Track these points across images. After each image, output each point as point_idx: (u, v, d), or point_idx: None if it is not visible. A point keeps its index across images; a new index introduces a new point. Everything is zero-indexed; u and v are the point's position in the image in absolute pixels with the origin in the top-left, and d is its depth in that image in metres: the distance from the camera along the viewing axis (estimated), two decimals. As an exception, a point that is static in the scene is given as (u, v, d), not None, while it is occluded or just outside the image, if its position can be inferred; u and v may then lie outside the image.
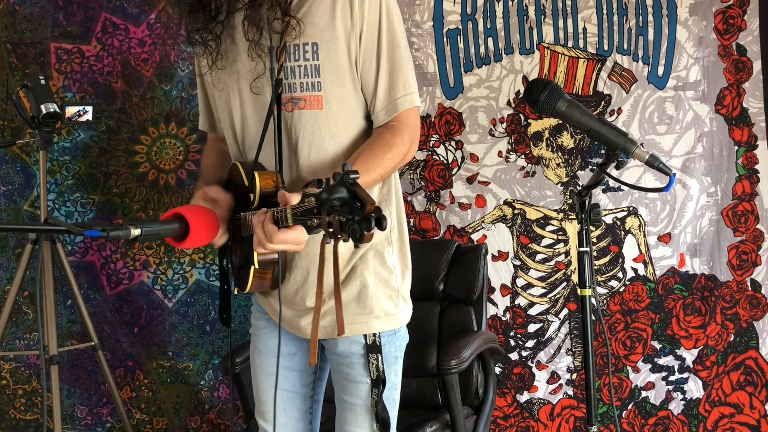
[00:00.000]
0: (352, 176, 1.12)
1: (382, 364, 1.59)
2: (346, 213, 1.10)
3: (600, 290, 2.82)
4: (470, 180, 2.93)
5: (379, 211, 1.08)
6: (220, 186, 1.68)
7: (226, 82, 1.63)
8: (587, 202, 1.73)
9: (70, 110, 2.72)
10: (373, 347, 1.59)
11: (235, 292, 1.70)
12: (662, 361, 2.80)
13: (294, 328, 1.66)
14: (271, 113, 1.54)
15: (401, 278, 1.66)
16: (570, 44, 2.84)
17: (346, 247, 1.60)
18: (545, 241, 2.87)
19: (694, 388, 2.78)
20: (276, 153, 1.54)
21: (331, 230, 1.14)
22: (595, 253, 2.82)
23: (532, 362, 2.88)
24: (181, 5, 1.61)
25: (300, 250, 1.42)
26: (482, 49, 2.91)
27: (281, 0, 1.51)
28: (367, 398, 1.60)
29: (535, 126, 2.87)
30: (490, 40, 2.90)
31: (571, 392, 2.87)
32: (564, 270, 2.85)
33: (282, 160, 1.55)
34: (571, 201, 2.83)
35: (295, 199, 1.32)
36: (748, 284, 2.74)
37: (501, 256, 2.90)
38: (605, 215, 2.82)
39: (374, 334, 1.60)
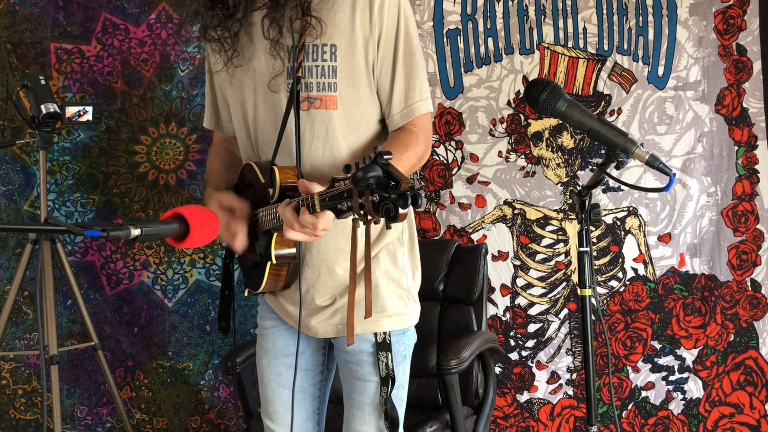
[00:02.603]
0: (385, 157, 1.14)
1: (392, 362, 1.60)
2: (381, 191, 1.11)
3: (600, 290, 2.82)
4: (470, 180, 2.93)
5: (414, 189, 1.11)
6: (232, 190, 1.68)
7: (242, 79, 1.64)
8: (587, 202, 1.73)
9: (70, 110, 2.72)
10: (383, 345, 1.61)
11: (245, 294, 1.71)
12: (662, 361, 2.80)
13: (304, 327, 1.67)
14: (289, 111, 1.55)
15: (412, 278, 1.69)
16: (570, 44, 2.84)
17: (358, 249, 1.61)
18: (545, 241, 2.87)
19: (694, 388, 2.78)
20: (296, 148, 1.55)
21: (362, 212, 1.15)
22: (595, 253, 2.82)
23: (532, 362, 2.88)
24: (200, 1, 1.61)
25: (320, 236, 1.41)
26: (482, 49, 2.91)
27: (303, 0, 1.53)
28: (375, 396, 1.61)
29: (535, 126, 2.87)
30: (490, 40, 2.90)
31: (571, 392, 2.87)
32: (564, 270, 2.86)
33: (298, 158, 1.57)
34: (571, 201, 2.83)
35: (318, 187, 1.33)
36: (748, 284, 2.74)
37: (501, 256, 2.90)
38: (605, 215, 2.82)
39: (384, 333, 1.61)
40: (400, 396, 1.65)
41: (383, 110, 1.62)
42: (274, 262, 1.54)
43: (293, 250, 1.55)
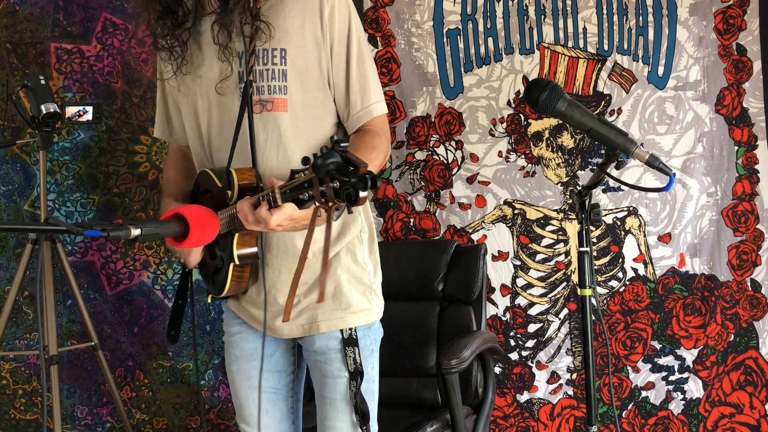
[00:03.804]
0: (342, 144, 1.18)
1: (359, 356, 1.63)
2: (342, 176, 1.15)
3: (600, 290, 2.82)
4: (470, 180, 2.93)
5: (372, 172, 1.15)
6: (189, 198, 1.72)
7: (191, 87, 1.67)
8: (587, 202, 1.73)
9: (70, 110, 2.72)
10: (349, 341, 1.64)
11: (209, 300, 1.72)
12: (662, 361, 2.80)
13: (270, 329, 1.69)
14: (243, 114, 1.58)
15: (373, 275, 1.71)
16: (570, 44, 2.84)
17: (318, 248, 1.64)
18: (545, 241, 2.87)
19: (694, 388, 2.78)
20: (252, 150, 1.58)
21: (324, 199, 1.19)
22: (595, 253, 2.82)
23: (532, 362, 2.88)
24: (150, 11, 1.65)
25: (277, 231, 1.43)
26: (482, 49, 2.91)
27: (251, 5, 1.57)
28: (345, 392, 1.63)
29: (535, 126, 2.87)
30: (490, 40, 2.90)
31: (571, 392, 2.87)
32: (564, 270, 2.86)
33: (254, 159, 1.59)
34: (571, 201, 2.83)
35: (279, 181, 1.36)
36: (748, 284, 2.74)
37: (501, 256, 2.90)
38: (605, 215, 2.82)
39: (350, 329, 1.64)
40: (370, 390, 1.68)
41: (341, 114, 1.66)
42: (237, 262, 1.56)
43: (255, 249, 1.57)
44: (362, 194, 1.14)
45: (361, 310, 1.66)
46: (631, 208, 2.81)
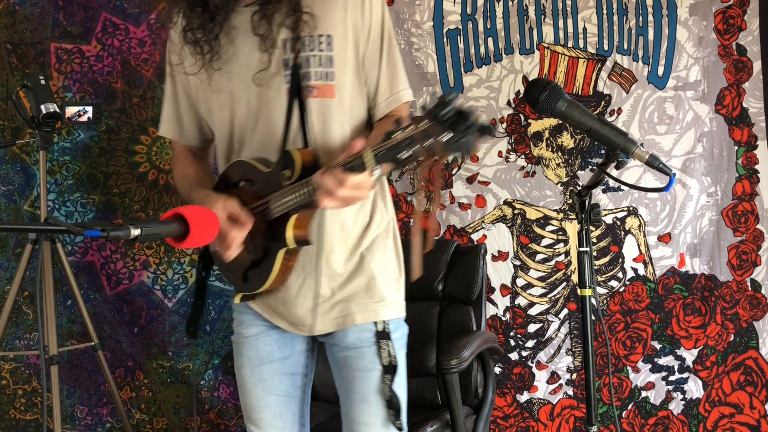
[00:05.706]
0: (450, 96, 1.15)
1: (393, 349, 1.61)
2: (457, 126, 1.12)
3: (600, 290, 2.82)
4: (470, 180, 2.93)
5: (484, 120, 1.13)
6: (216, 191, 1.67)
7: (220, 82, 1.64)
8: (587, 202, 1.73)
9: (70, 110, 2.72)
10: (383, 334, 1.61)
11: (237, 301, 1.68)
12: (662, 361, 2.80)
13: (301, 326, 1.65)
14: (293, 100, 1.57)
15: (401, 270, 1.71)
16: (570, 44, 2.84)
17: (351, 237, 1.62)
18: (545, 241, 2.87)
19: (694, 388, 2.78)
20: (303, 135, 1.57)
21: (430, 153, 1.15)
22: (595, 253, 2.82)
23: (532, 362, 2.88)
24: (180, 2, 1.62)
25: (364, 198, 1.41)
26: (482, 49, 2.91)
27: None
28: (378, 386, 1.59)
29: (535, 126, 2.87)
30: (490, 40, 2.90)
31: (571, 392, 2.87)
32: (564, 270, 2.85)
33: (306, 140, 1.58)
34: (571, 201, 2.83)
35: (366, 143, 1.34)
36: (748, 284, 2.74)
37: (501, 256, 2.90)
38: (605, 215, 2.82)
39: (384, 321, 1.62)
40: (402, 384, 1.65)
41: (370, 100, 1.66)
42: (291, 246, 1.50)
43: (307, 234, 1.52)
44: (477, 143, 1.12)
45: (394, 303, 1.65)
46: (631, 208, 2.81)
